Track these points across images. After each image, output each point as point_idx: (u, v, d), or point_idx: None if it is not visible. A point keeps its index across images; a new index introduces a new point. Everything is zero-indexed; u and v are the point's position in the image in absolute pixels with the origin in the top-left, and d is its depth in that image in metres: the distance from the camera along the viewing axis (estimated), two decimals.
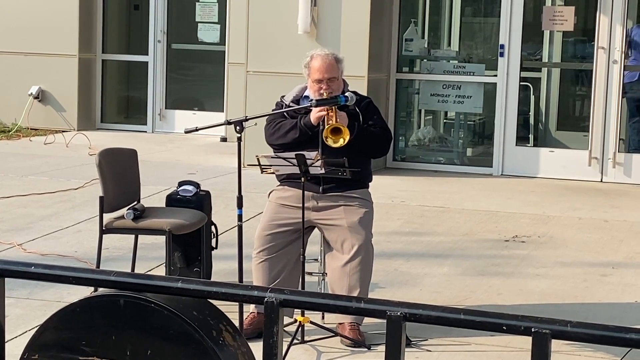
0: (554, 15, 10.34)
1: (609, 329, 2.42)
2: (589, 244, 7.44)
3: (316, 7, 10.10)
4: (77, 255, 6.72)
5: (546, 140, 11.07)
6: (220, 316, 2.80)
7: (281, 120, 5.43)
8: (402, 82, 10.90)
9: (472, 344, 5.19)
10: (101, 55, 13.02)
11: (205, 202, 6.11)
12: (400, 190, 9.27)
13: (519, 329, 2.46)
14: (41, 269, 2.88)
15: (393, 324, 2.54)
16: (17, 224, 7.60)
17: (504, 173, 10.39)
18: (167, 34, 12.96)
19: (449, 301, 5.91)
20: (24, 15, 12.67)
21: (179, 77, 13.31)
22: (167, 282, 2.79)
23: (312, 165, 5.07)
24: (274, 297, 2.64)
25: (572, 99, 11.69)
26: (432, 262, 6.84)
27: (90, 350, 2.76)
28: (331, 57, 5.39)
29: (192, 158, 10.85)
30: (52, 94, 12.73)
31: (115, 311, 2.74)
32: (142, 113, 13.12)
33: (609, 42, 10.00)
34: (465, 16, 11.78)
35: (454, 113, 11.12)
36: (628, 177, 10.05)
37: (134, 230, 5.73)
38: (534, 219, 8.22)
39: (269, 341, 2.65)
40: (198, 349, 2.67)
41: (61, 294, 5.76)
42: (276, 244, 5.32)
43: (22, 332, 5.19)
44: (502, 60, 10.36)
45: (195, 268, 6.02)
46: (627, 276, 6.59)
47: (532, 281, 6.44)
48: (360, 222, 5.30)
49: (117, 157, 6.01)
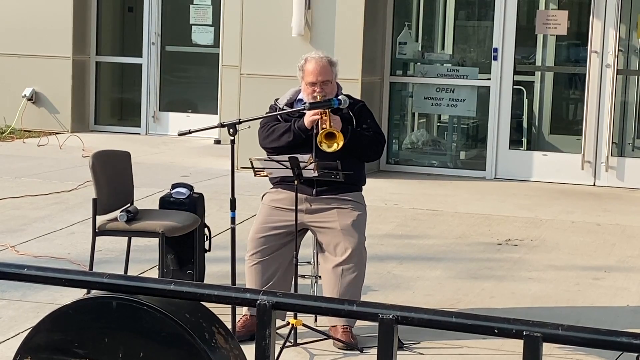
0: (548, 19, 10.36)
1: (600, 332, 2.43)
2: (582, 248, 7.45)
3: (310, 10, 10.10)
4: (70, 257, 6.71)
5: (539, 143, 11.08)
6: (213, 318, 2.80)
7: (275, 123, 5.43)
8: (395, 86, 10.91)
9: (464, 347, 5.19)
10: (95, 57, 13.02)
11: (198, 204, 6.11)
12: (393, 193, 9.27)
13: (511, 332, 2.47)
14: (34, 271, 2.88)
15: (385, 327, 2.55)
16: (10, 226, 7.59)
17: (497, 176, 10.40)
18: (161, 36, 12.96)
19: (442, 304, 5.91)
20: (17, 17, 12.66)
21: (172, 80, 13.30)
22: (159, 284, 2.79)
23: (305, 168, 5.08)
24: (267, 300, 2.64)
25: (565, 103, 11.70)
26: (425, 265, 6.85)
27: (82, 353, 2.76)
28: (325, 60, 5.39)
29: (186, 160, 10.85)
30: (46, 95, 12.72)
31: (108, 313, 2.75)
32: (135, 115, 13.12)
33: (602, 46, 10.02)
34: (459, 20, 11.79)
35: (447, 116, 11.14)
36: (621, 180, 10.07)
37: (127, 232, 5.73)
38: (527, 222, 8.23)
39: (262, 344, 2.65)
40: (190, 352, 2.67)
41: (54, 296, 5.76)
42: (269, 247, 5.32)
43: (15, 334, 5.19)
44: (496, 64, 10.37)
45: (188, 270, 6.02)
46: (619, 280, 6.61)
47: (524, 284, 6.45)
48: (353, 225, 5.30)
49: (111, 159, 6.01)
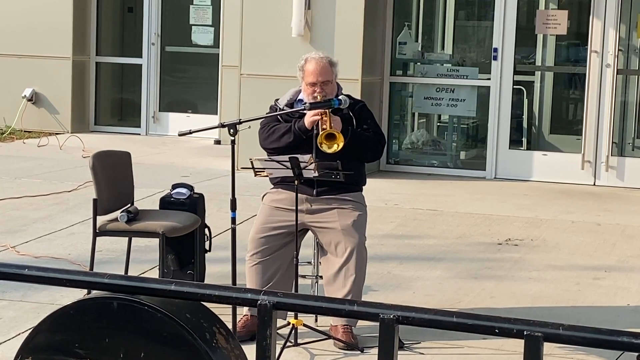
0: (548, 19, 10.36)
1: (601, 332, 2.43)
2: (582, 248, 7.45)
3: (310, 11, 10.10)
4: (71, 258, 6.71)
5: (539, 143, 11.08)
6: (214, 319, 2.80)
7: (275, 124, 5.42)
8: (395, 86, 10.91)
9: (464, 347, 5.19)
10: (95, 57, 13.01)
11: (198, 204, 6.11)
12: (393, 194, 9.27)
13: (512, 331, 2.47)
14: (34, 272, 2.88)
15: (386, 327, 2.55)
16: (11, 227, 7.59)
17: (497, 176, 10.40)
18: (161, 37, 12.96)
19: (442, 304, 5.91)
20: (17, 17, 12.66)
21: (172, 80, 13.30)
22: (160, 284, 2.79)
23: (306, 169, 5.07)
24: (267, 300, 2.64)
25: (565, 103, 11.70)
26: (425, 265, 6.85)
27: (83, 353, 2.76)
28: (325, 61, 5.39)
29: (186, 161, 10.85)
30: (46, 96, 12.72)
31: (109, 313, 2.75)
32: (135, 115, 13.12)
33: (602, 46, 10.02)
34: (458, 20, 11.79)
35: (447, 116, 11.14)
36: (621, 180, 10.07)
37: (128, 232, 5.73)
38: (527, 222, 8.23)
39: (262, 344, 2.65)
40: (191, 352, 2.67)
41: (54, 296, 5.76)
42: (270, 247, 5.32)
43: (15, 334, 5.19)
44: (496, 64, 10.37)
45: (188, 271, 6.01)
46: (619, 279, 6.61)
47: (524, 284, 6.45)
48: (353, 225, 5.30)
49: (111, 159, 6.01)
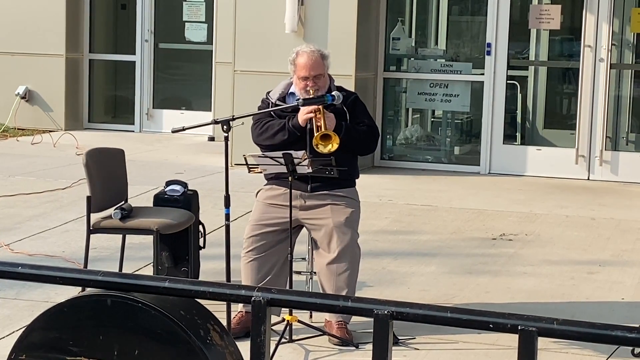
0: (541, 14, 10.36)
1: (595, 326, 2.43)
2: (576, 242, 7.46)
3: (303, 6, 10.09)
4: (65, 256, 6.70)
5: (533, 138, 11.09)
6: (208, 315, 2.80)
7: (269, 120, 5.41)
8: (389, 81, 10.90)
9: (459, 342, 5.20)
10: (88, 54, 12.99)
11: (192, 201, 6.10)
12: (387, 189, 9.27)
13: (506, 326, 2.47)
14: (28, 269, 2.88)
15: (380, 323, 2.55)
16: (4, 224, 7.58)
17: (491, 171, 10.41)
18: (155, 34, 12.94)
19: (437, 299, 5.91)
20: (10, 14, 12.63)
21: (166, 77, 13.28)
22: (154, 281, 2.79)
23: (300, 165, 5.07)
24: (262, 296, 2.64)
25: (559, 98, 11.71)
26: (420, 261, 6.85)
27: (77, 350, 2.76)
28: (317, 54, 5.36)
29: (180, 157, 10.84)
30: (39, 93, 12.70)
31: (103, 311, 2.74)
32: (129, 113, 13.10)
33: (596, 41, 10.02)
34: (452, 15, 11.79)
35: (441, 112, 11.13)
36: (615, 174, 10.08)
37: (122, 230, 5.72)
38: (521, 217, 8.24)
39: (257, 340, 2.65)
40: (185, 349, 2.67)
41: (49, 294, 5.75)
42: (264, 244, 5.31)
43: (10, 332, 5.18)
44: (489, 59, 10.38)
45: (183, 267, 6.01)
46: (614, 274, 6.61)
47: (519, 279, 6.45)
48: (346, 222, 5.29)
49: (105, 156, 6.00)
